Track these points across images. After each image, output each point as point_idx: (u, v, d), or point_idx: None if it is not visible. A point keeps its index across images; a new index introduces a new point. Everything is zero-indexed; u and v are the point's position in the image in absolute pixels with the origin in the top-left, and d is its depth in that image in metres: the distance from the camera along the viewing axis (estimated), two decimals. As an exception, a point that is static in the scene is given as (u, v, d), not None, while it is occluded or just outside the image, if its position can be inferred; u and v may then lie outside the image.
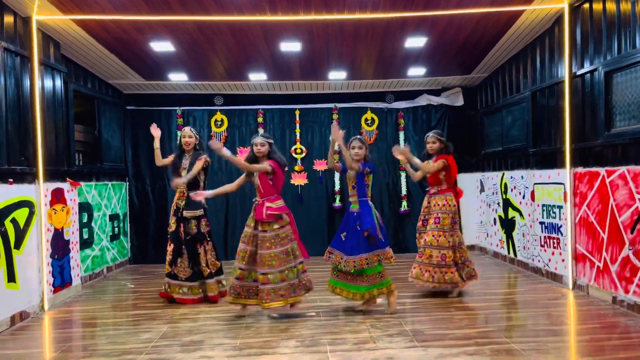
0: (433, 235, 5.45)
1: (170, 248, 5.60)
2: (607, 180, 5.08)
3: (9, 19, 5.09)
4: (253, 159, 5.02)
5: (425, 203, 5.72)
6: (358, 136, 5.13)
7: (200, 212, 5.60)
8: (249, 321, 4.84)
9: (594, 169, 5.33)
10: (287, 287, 4.81)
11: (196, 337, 4.37)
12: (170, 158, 5.79)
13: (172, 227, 5.60)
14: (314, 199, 8.64)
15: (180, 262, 5.54)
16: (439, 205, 5.53)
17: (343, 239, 4.95)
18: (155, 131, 5.73)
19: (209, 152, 5.83)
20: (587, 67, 5.45)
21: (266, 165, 4.90)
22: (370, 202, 5.00)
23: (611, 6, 5.05)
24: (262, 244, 4.82)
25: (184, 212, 5.55)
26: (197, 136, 5.78)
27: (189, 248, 5.56)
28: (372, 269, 4.83)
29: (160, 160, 5.77)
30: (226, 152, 4.83)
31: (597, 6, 5.27)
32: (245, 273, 4.92)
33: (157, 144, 5.73)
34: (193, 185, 5.58)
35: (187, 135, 5.70)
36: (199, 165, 5.55)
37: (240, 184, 5.16)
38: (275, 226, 4.85)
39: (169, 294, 5.58)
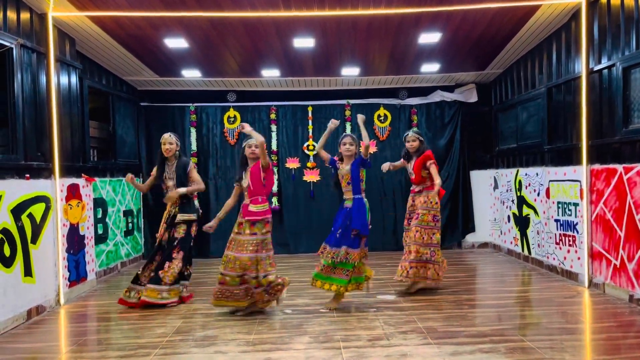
0: (417, 231, 5.51)
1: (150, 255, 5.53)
2: (625, 177, 5.01)
3: (25, 16, 5.14)
4: (245, 161, 5.01)
5: (410, 202, 5.80)
6: (349, 133, 5.24)
7: (193, 216, 5.50)
8: (263, 317, 4.85)
9: (611, 166, 5.26)
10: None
11: (210, 332, 4.39)
12: (152, 174, 5.66)
13: (160, 234, 5.50)
14: (326, 195, 8.61)
15: (148, 267, 5.43)
16: (421, 202, 5.60)
17: (338, 236, 4.95)
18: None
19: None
20: (604, 63, 5.37)
21: (267, 158, 4.82)
22: (364, 199, 5.02)
23: (629, 1, 4.97)
24: (244, 246, 4.76)
25: (178, 215, 5.44)
26: (178, 142, 5.64)
27: (183, 255, 5.42)
28: (349, 264, 4.88)
29: (145, 186, 5.74)
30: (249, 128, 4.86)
31: (615, 1, 5.19)
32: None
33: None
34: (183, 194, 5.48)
35: (168, 142, 5.52)
36: (195, 176, 5.56)
37: (237, 195, 5.13)
38: (264, 230, 4.82)
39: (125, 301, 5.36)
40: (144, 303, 5.18)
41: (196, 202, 5.67)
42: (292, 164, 8.58)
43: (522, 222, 7.42)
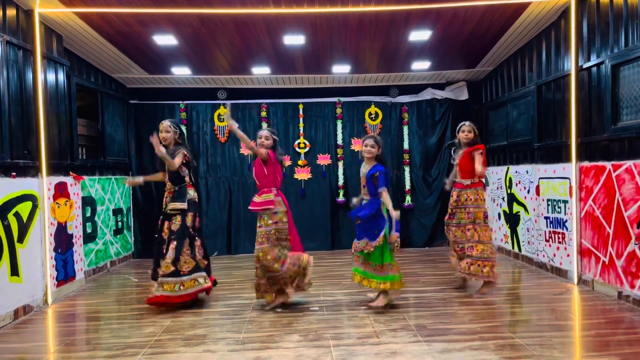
0: (473, 229, 5.34)
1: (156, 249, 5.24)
2: (614, 175, 5.03)
3: (11, 12, 5.07)
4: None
5: (454, 196, 5.49)
6: (372, 135, 5.02)
7: (183, 205, 5.15)
8: (252, 315, 4.82)
9: (600, 163, 5.29)
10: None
11: (199, 331, 4.36)
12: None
13: (159, 226, 5.26)
14: (318, 194, 8.61)
15: (162, 261, 5.06)
16: (471, 199, 5.38)
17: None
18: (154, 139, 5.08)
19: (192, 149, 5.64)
20: (593, 60, 5.39)
21: (263, 150, 4.88)
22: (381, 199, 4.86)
23: (618, -2, 5.00)
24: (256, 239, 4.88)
25: (170, 205, 5.18)
26: (177, 129, 5.31)
27: (176, 244, 5.08)
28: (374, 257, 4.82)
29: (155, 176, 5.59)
30: (234, 125, 4.81)
31: (604, -2, 5.21)
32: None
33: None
34: (177, 180, 5.19)
35: (164, 130, 5.24)
36: (176, 161, 5.09)
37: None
38: (270, 222, 4.83)
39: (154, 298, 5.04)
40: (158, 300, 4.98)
41: (190, 192, 5.27)
42: (283, 162, 8.53)
43: (512, 220, 7.45)
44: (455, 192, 5.51)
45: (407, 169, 8.62)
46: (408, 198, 8.60)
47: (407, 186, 8.62)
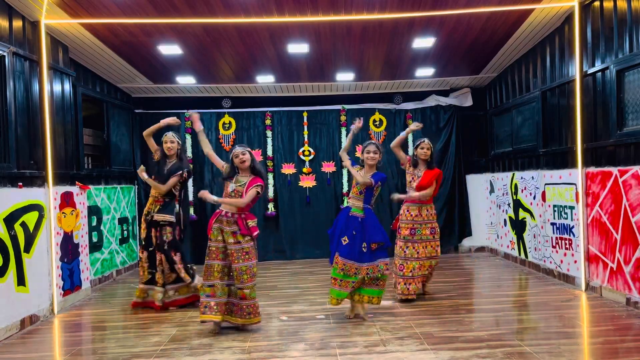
0: (432, 247, 5.50)
1: (144, 255, 5.48)
2: (620, 180, 5.01)
3: (17, 24, 5.12)
4: (234, 171, 4.61)
5: (416, 212, 5.43)
6: (373, 141, 5.03)
7: (172, 218, 5.43)
8: (259, 324, 4.80)
9: (606, 169, 5.26)
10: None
11: (205, 340, 4.35)
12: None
13: (143, 233, 5.52)
14: (322, 201, 8.61)
15: (159, 268, 5.42)
16: (431, 215, 5.50)
17: (344, 243, 4.76)
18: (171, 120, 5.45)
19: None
20: (598, 66, 5.38)
21: (255, 191, 4.49)
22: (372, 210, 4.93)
23: (622, 4, 4.98)
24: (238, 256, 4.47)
25: (155, 215, 5.40)
26: (179, 141, 5.56)
27: (166, 254, 5.40)
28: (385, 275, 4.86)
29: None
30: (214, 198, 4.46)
31: (608, 4, 5.20)
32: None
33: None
34: (169, 194, 5.45)
35: (169, 140, 5.46)
36: (164, 188, 5.36)
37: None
38: (247, 238, 4.50)
39: (145, 302, 5.53)
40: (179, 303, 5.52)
41: (176, 206, 5.54)
42: (288, 169, 8.56)
43: (518, 226, 7.41)
44: (416, 208, 5.46)
45: (412, 176, 8.61)
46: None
47: (412, 193, 8.60)
